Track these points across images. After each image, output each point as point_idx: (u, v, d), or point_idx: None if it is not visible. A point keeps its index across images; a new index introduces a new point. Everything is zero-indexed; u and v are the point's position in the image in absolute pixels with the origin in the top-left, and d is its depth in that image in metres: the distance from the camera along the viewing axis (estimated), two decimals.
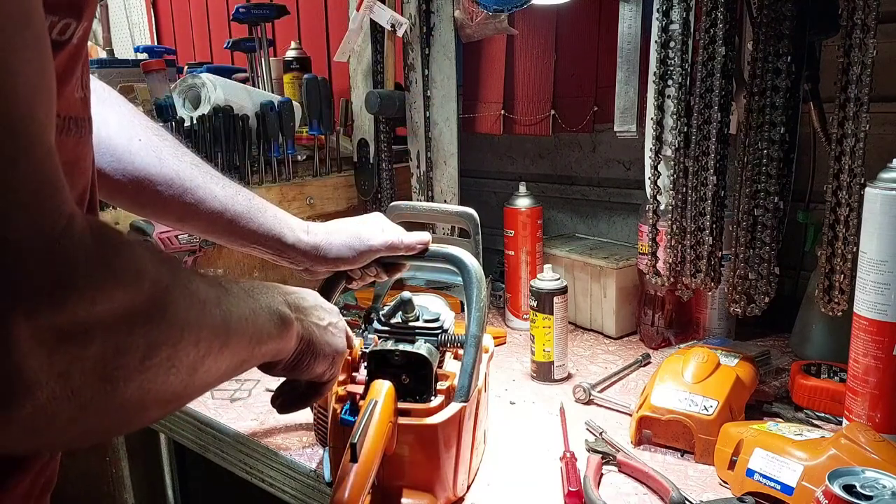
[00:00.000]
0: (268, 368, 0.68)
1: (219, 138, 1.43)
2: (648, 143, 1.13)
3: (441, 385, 0.81)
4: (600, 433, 0.97)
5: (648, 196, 1.15)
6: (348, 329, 0.81)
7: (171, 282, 0.43)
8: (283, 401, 0.78)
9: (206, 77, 1.51)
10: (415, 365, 0.80)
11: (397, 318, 0.88)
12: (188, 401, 0.49)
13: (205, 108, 1.47)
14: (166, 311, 0.42)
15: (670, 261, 1.11)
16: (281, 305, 0.62)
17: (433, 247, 0.91)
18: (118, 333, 0.37)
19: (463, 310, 0.87)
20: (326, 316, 0.73)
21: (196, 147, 1.11)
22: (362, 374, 0.82)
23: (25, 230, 0.32)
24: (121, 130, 0.77)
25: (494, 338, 1.13)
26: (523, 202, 1.38)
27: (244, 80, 1.81)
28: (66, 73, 0.43)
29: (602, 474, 0.89)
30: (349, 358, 0.84)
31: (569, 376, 1.19)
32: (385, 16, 1.46)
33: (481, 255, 0.96)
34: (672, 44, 1.07)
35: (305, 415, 1.03)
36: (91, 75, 0.79)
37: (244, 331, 0.54)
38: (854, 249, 0.89)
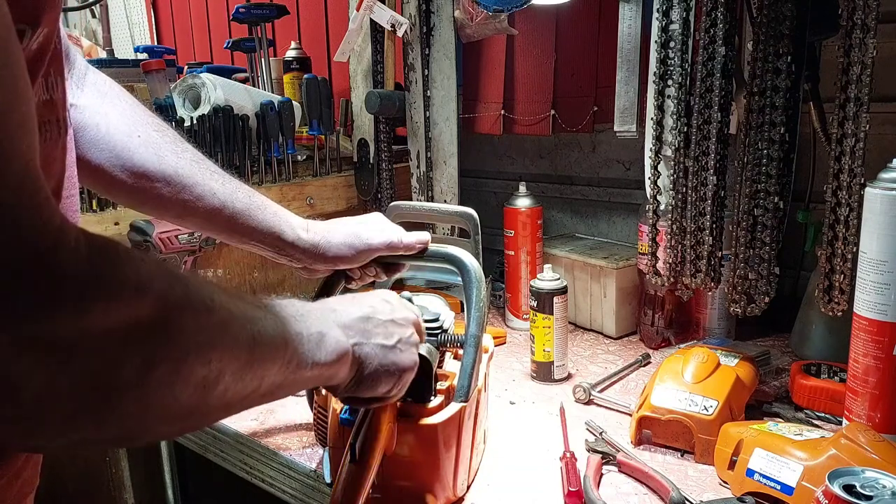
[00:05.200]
0: (331, 391, 0.68)
1: (219, 138, 1.43)
2: (648, 143, 1.13)
3: (441, 385, 0.81)
4: (600, 433, 0.97)
5: (648, 196, 1.14)
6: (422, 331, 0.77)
7: (182, 299, 0.43)
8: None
9: (206, 77, 1.51)
10: None
11: None
12: (210, 418, 0.50)
13: (205, 108, 1.47)
14: (170, 327, 0.41)
15: (670, 261, 1.11)
16: (333, 330, 0.61)
17: (433, 247, 0.91)
18: (108, 347, 0.37)
19: (463, 310, 0.87)
20: (397, 332, 0.69)
21: (196, 147, 1.11)
22: None
23: (5, 249, 0.33)
24: (120, 126, 0.77)
25: (494, 338, 1.13)
26: (523, 202, 1.38)
27: (244, 80, 1.81)
28: None
29: (602, 474, 0.89)
30: None
31: (569, 376, 1.19)
32: (385, 16, 1.46)
33: (481, 255, 0.96)
34: (672, 44, 1.07)
35: (305, 415, 1.03)
36: (94, 70, 0.79)
37: (277, 354, 0.53)
38: (854, 249, 0.89)
